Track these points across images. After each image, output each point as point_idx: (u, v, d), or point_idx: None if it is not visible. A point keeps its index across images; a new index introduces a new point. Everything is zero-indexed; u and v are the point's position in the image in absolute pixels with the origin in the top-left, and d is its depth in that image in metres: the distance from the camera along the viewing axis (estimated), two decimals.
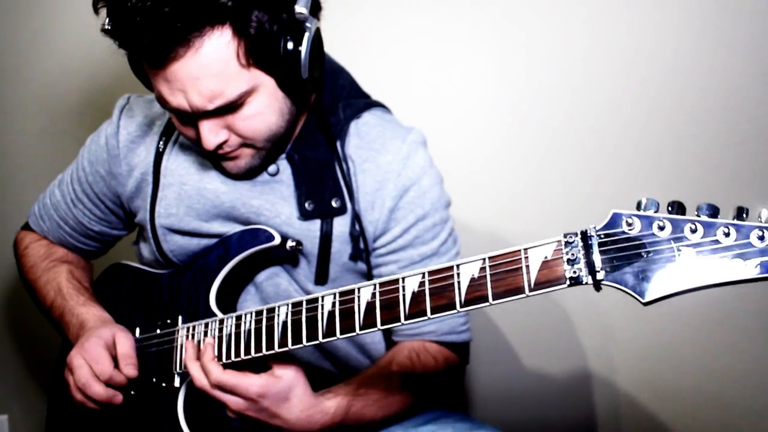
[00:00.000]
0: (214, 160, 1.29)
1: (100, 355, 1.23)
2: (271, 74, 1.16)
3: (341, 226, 1.29)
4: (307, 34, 1.14)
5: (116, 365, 1.25)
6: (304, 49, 1.14)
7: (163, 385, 1.28)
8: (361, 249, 1.30)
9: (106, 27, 1.12)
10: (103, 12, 1.13)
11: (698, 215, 0.86)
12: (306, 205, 1.27)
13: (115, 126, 1.38)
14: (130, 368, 1.24)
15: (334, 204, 1.27)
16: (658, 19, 1.74)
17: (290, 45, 1.13)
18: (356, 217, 1.28)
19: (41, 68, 2.10)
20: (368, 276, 1.35)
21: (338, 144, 1.29)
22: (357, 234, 1.29)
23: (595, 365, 1.87)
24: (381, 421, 1.27)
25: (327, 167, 1.29)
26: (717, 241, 0.83)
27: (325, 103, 1.31)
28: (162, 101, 1.17)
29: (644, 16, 1.74)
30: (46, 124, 2.12)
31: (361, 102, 1.35)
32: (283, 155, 1.31)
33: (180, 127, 1.23)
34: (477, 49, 1.84)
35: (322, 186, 1.28)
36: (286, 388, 1.15)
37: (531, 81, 1.82)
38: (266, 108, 1.18)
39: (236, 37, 1.10)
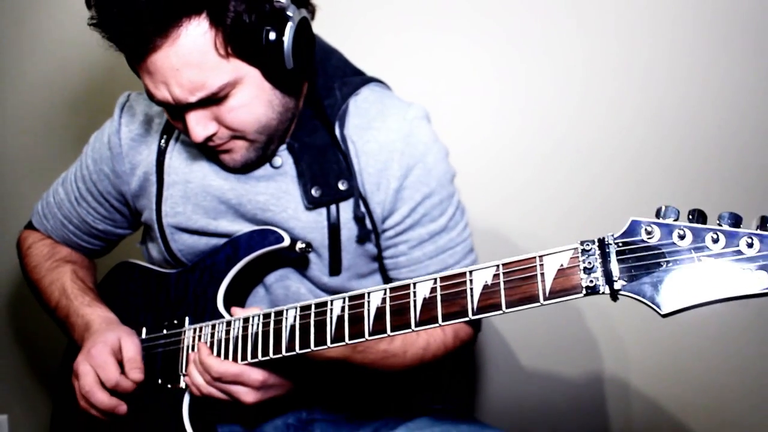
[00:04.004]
0: (210, 153, 1.27)
1: (106, 361, 1.22)
2: (254, 65, 1.15)
3: (347, 212, 1.27)
4: (290, 24, 1.13)
5: (123, 370, 1.23)
6: (287, 39, 1.13)
7: (169, 386, 1.26)
8: (369, 229, 1.29)
9: (93, 20, 1.12)
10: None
11: (720, 224, 0.83)
12: (312, 191, 1.25)
13: (116, 124, 1.36)
14: (135, 372, 1.22)
15: (341, 186, 1.26)
16: (676, 21, 1.71)
17: (272, 35, 1.12)
18: (361, 199, 1.27)
19: (39, 66, 2.08)
20: (378, 258, 1.34)
21: (337, 125, 1.27)
22: (362, 215, 1.27)
23: (608, 367, 1.85)
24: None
25: (328, 150, 1.27)
26: (740, 252, 0.81)
27: (318, 87, 1.29)
28: (148, 94, 1.17)
29: (662, 16, 1.72)
30: (45, 123, 2.11)
31: (357, 79, 1.33)
32: (284, 146, 1.29)
33: (171, 120, 1.23)
34: (491, 52, 1.82)
35: (326, 169, 1.26)
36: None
37: (545, 83, 1.79)
38: (253, 99, 1.16)
39: (213, 27, 1.09)
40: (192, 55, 1.09)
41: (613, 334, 1.83)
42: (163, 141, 1.33)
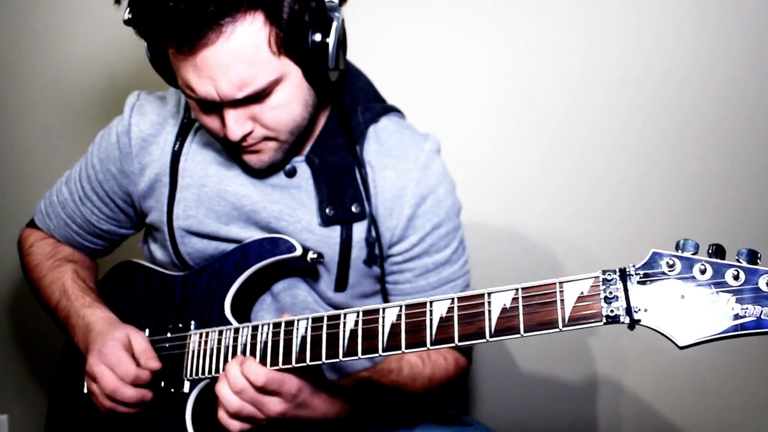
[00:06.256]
0: (235, 153, 1.26)
1: (121, 357, 1.21)
2: (298, 63, 1.15)
3: (359, 232, 1.28)
4: (334, 24, 1.15)
5: (137, 364, 1.22)
6: (332, 38, 1.14)
7: (172, 390, 1.25)
8: (376, 254, 1.29)
9: (128, 17, 1.11)
10: (123, 5, 1.12)
11: (738, 260, 0.85)
12: (327, 210, 1.26)
13: (126, 124, 1.34)
14: (152, 361, 1.22)
15: (354, 209, 1.27)
16: (683, 30, 1.74)
17: (319, 34, 1.14)
18: (372, 222, 1.28)
19: (46, 65, 2.05)
20: (381, 281, 1.35)
21: (357, 148, 1.28)
22: (372, 240, 1.28)
23: (601, 368, 1.88)
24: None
25: (347, 171, 1.28)
26: (758, 290, 0.82)
27: (346, 105, 1.30)
28: (188, 90, 1.15)
29: (669, 20, 1.74)
30: (51, 122, 2.08)
31: (379, 106, 1.35)
32: (302, 157, 1.29)
33: (203, 118, 1.21)
34: (494, 54, 1.83)
35: (343, 191, 1.27)
36: (308, 382, 1.15)
37: (560, 79, 1.81)
38: (293, 98, 1.17)
39: (268, 23, 1.09)
40: (245, 51, 1.09)
41: (612, 331, 1.85)
42: (177, 144, 1.32)
